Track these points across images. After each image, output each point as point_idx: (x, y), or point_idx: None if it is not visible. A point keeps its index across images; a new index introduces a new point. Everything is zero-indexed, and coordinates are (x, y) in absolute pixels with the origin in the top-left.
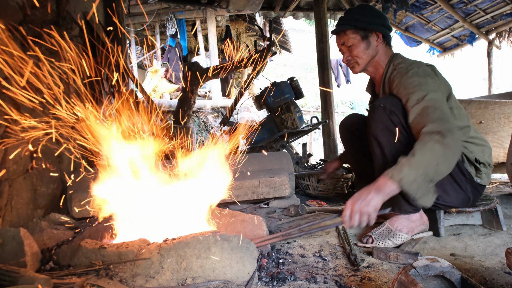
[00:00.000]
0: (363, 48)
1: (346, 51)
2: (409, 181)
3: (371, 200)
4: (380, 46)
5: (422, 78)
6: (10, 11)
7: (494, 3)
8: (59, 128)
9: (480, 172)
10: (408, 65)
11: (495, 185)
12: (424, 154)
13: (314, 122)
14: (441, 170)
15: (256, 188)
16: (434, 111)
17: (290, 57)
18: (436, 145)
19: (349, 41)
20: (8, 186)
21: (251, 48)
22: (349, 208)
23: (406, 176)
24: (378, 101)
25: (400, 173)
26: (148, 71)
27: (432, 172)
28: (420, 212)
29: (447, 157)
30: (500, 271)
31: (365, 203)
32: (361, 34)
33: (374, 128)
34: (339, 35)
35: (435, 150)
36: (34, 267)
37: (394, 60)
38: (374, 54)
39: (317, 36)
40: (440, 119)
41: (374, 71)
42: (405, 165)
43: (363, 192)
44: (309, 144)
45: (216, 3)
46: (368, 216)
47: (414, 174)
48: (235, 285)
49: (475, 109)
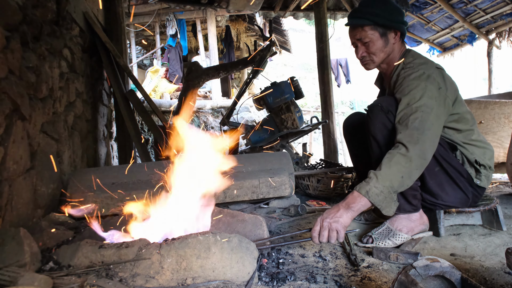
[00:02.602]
0: (381, 46)
1: (362, 46)
2: (375, 193)
3: (340, 217)
4: (396, 44)
5: (422, 83)
6: (10, 11)
7: (494, 3)
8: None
9: (480, 173)
10: (416, 65)
11: (495, 185)
12: (389, 168)
13: (314, 122)
14: (405, 182)
15: (256, 188)
16: (414, 119)
17: (290, 57)
18: (401, 157)
19: (367, 37)
20: (8, 186)
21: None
22: (318, 224)
23: (373, 188)
24: (376, 101)
25: (366, 186)
26: (148, 71)
27: (397, 184)
28: (420, 212)
29: (412, 170)
30: (500, 271)
31: (334, 220)
32: (380, 31)
33: (372, 127)
34: (355, 29)
35: (400, 163)
36: (34, 267)
37: (406, 57)
38: (390, 52)
39: (317, 36)
40: (415, 128)
41: (386, 67)
42: (372, 178)
43: (332, 209)
44: (309, 144)
45: (216, 3)
46: (337, 233)
47: (381, 186)
48: (235, 285)
49: (475, 109)
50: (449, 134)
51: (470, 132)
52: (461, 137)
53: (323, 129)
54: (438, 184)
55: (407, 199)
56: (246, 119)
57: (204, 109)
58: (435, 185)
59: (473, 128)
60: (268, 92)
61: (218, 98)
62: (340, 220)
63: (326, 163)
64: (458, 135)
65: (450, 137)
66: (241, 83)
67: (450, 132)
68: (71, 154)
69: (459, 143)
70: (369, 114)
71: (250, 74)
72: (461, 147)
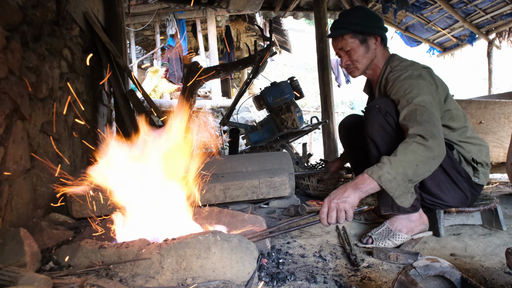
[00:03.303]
0: (363, 53)
1: (345, 55)
2: (387, 179)
3: (348, 197)
4: (378, 49)
5: (415, 81)
6: (10, 11)
7: (494, 3)
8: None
9: (477, 172)
10: (404, 67)
11: (495, 185)
12: (405, 155)
13: (314, 122)
14: (420, 171)
15: (256, 188)
16: (422, 114)
17: (290, 57)
18: (419, 146)
19: (348, 45)
20: (8, 186)
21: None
22: (326, 205)
23: (385, 174)
24: (373, 102)
25: (379, 171)
26: (148, 71)
27: (411, 172)
28: (420, 212)
29: (428, 159)
30: (500, 271)
31: (342, 200)
32: (359, 38)
33: (370, 129)
34: (336, 40)
35: (416, 151)
36: (34, 267)
37: (391, 62)
38: (373, 58)
39: (317, 36)
40: (426, 121)
41: (372, 73)
42: (386, 163)
43: (339, 189)
44: (309, 144)
45: (216, 3)
46: (345, 213)
47: (394, 172)
48: (235, 285)
49: (475, 109)
50: (445, 134)
51: (464, 129)
52: (456, 136)
53: (323, 129)
54: (436, 184)
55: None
56: (246, 119)
57: (204, 109)
58: (434, 185)
59: (467, 125)
60: (268, 92)
61: (218, 98)
62: (348, 200)
63: (326, 163)
64: (453, 134)
65: (446, 136)
66: (241, 83)
67: (445, 131)
68: (71, 154)
69: (455, 142)
70: (366, 116)
71: (250, 74)
72: (457, 146)
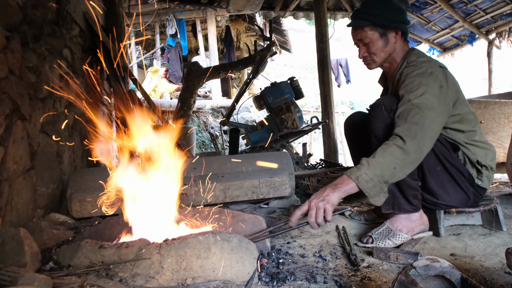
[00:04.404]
0: (381, 46)
1: (363, 47)
2: (364, 180)
3: (326, 196)
4: (398, 43)
5: (425, 79)
6: (10, 11)
7: (494, 3)
8: None
9: (481, 174)
10: (419, 63)
11: (495, 185)
12: (383, 157)
13: (314, 122)
14: (397, 174)
15: (256, 188)
16: (414, 115)
17: (290, 57)
18: (397, 149)
19: (367, 38)
20: (8, 186)
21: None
22: (306, 205)
23: (363, 174)
24: (378, 100)
25: (357, 172)
26: (148, 71)
27: (388, 174)
28: (420, 212)
29: (405, 163)
30: (500, 271)
31: (321, 199)
32: (379, 32)
33: (374, 126)
34: (356, 30)
35: (394, 154)
36: (34, 267)
37: (409, 56)
38: (392, 51)
39: (317, 36)
40: (415, 123)
41: (388, 66)
42: (364, 165)
43: (320, 190)
44: (309, 144)
45: (216, 3)
46: (324, 211)
47: (371, 173)
48: (235, 285)
49: (475, 109)
50: (451, 134)
51: (473, 133)
52: (463, 137)
53: (323, 129)
54: (439, 184)
55: (408, 199)
56: (246, 119)
57: (204, 109)
58: (437, 184)
59: (476, 129)
60: (268, 92)
61: (218, 98)
62: (326, 199)
63: (326, 163)
64: (460, 135)
65: (453, 137)
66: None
67: (452, 132)
68: (71, 154)
69: (461, 143)
70: (371, 113)
71: (250, 74)
72: (463, 147)
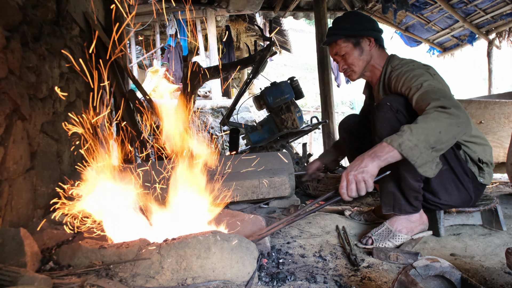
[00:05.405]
0: (357, 55)
1: (341, 60)
2: (408, 146)
3: (365, 166)
4: (374, 50)
5: (418, 70)
6: (10, 11)
7: (494, 3)
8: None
9: (483, 171)
10: (405, 64)
11: (495, 185)
12: (426, 123)
13: (314, 122)
14: (444, 138)
15: (256, 188)
16: (435, 93)
17: (290, 57)
18: (441, 114)
19: (342, 50)
20: (8, 186)
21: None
22: (344, 179)
23: (406, 141)
24: (384, 99)
25: (399, 138)
26: (148, 71)
27: (433, 139)
28: (420, 212)
29: (452, 126)
30: (500, 271)
31: (359, 171)
32: (352, 42)
33: (379, 127)
34: (331, 46)
35: (438, 119)
36: (34, 267)
37: (392, 62)
38: (369, 59)
39: (317, 36)
40: (443, 97)
41: (371, 75)
42: (406, 131)
43: (356, 160)
44: (309, 144)
45: (216, 3)
46: (365, 183)
47: (415, 139)
48: (235, 285)
49: (475, 109)
50: None
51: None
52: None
53: (323, 129)
54: (442, 184)
55: (409, 200)
56: (246, 119)
57: (204, 109)
58: (439, 184)
59: (472, 124)
60: (268, 92)
61: (218, 98)
62: (365, 170)
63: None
64: None
65: None
66: (241, 83)
67: None
68: (71, 154)
69: (461, 141)
70: (376, 113)
71: (250, 74)
72: (463, 145)
